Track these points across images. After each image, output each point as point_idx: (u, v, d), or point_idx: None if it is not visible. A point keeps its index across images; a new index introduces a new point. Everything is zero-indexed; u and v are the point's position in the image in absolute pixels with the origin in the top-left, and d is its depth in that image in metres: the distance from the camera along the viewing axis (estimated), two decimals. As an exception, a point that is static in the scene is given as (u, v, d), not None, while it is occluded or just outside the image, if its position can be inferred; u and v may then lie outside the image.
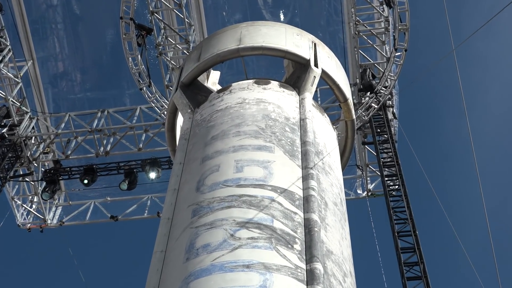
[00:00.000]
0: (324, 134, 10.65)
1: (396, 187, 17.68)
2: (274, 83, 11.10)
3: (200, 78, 12.04)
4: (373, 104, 19.18)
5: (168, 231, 8.65)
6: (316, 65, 11.24)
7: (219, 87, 12.36)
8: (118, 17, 18.68)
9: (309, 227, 8.11)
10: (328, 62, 11.73)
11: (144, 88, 19.52)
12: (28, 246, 31.69)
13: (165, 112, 14.81)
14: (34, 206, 22.14)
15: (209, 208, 8.37)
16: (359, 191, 21.66)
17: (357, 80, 19.82)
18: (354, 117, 12.11)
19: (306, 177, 8.89)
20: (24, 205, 21.95)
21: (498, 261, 12.98)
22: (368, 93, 19.29)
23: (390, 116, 19.93)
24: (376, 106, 19.22)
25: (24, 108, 21.54)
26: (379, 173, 18.79)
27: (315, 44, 11.78)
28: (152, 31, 19.14)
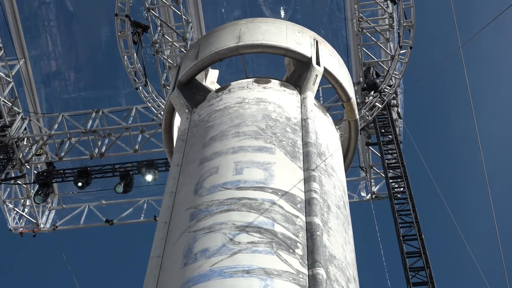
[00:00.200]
0: (327, 135, 10.67)
1: (401, 190, 17.69)
2: (275, 82, 11.12)
3: (198, 77, 12.06)
4: (377, 104, 19.20)
5: (165, 236, 8.66)
6: (318, 63, 11.26)
7: (218, 86, 12.37)
8: (113, 14, 18.70)
9: (311, 231, 8.12)
10: (331, 60, 11.75)
11: (140, 88, 19.54)
12: (20, 251, 31.70)
13: (162, 112, 14.81)
14: (27, 210, 22.14)
15: (208, 212, 8.38)
16: (363, 194, 21.66)
17: (361, 79, 19.83)
18: (358, 117, 12.14)
19: (308, 179, 8.90)
20: (16, 209, 21.96)
21: (507, 266, 12.99)
22: (372, 92, 19.30)
23: (395, 116, 19.94)
24: (380, 106, 19.23)
25: (16, 109, 21.55)
26: (384, 175, 18.78)
27: (317, 42, 11.80)
28: (148, 29, 19.15)
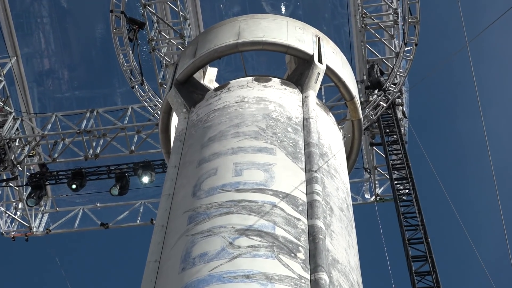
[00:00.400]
0: (329, 135, 10.66)
1: (407, 191, 17.69)
2: (275, 81, 11.11)
3: (196, 75, 12.06)
4: (382, 103, 19.19)
5: (163, 239, 8.66)
6: (320, 61, 11.25)
7: (217, 85, 12.37)
8: (108, 11, 18.69)
9: (314, 235, 8.11)
10: (333, 58, 11.74)
11: (136, 86, 19.53)
12: (13, 256, 31.71)
13: (159, 112, 14.81)
14: (19, 213, 22.13)
15: (206, 215, 8.37)
16: (367, 196, 21.66)
17: (364, 77, 19.83)
18: (361, 117, 12.13)
19: (310, 181, 8.90)
20: (8, 212, 21.94)
21: (516, 270, 12.97)
22: (376, 91, 19.30)
23: (400, 115, 19.94)
24: (385, 105, 19.23)
25: (8, 108, 21.54)
26: (388, 176, 18.78)
27: (319, 39, 11.80)
28: (145, 25, 19.15)
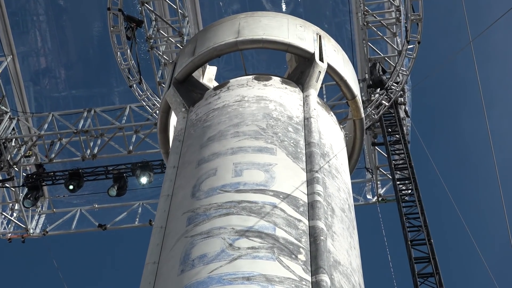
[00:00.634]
0: (331, 135, 10.67)
1: (409, 192, 17.70)
2: (276, 79, 11.12)
3: (195, 74, 12.07)
4: (384, 102, 19.20)
5: (161, 241, 8.66)
6: (321, 59, 11.26)
7: (216, 84, 12.38)
8: (106, 8, 18.68)
9: (315, 236, 8.12)
10: (335, 56, 11.75)
11: (134, 85, 19.53)
12: (9, 258, 31.71)
13: (157, 111, 14.81)
14: (15, 214, 22.14)
15: (206, 216, 8.38)
16: (369, 196, 21.66)
17: (366, 76, 19.83)
18: (363, 116, 12.14)
19: (311, 181, 8.91)
20: (4, 213, 21.95)
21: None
22: (378, 90, 19.30)
23: (402, 115, 19.94)
24: (387, 104, 19.23)
25: (4, 108, 21.55)
26: (391, 177, 18.78)
27: (320, 37, 11.81)
28: (143, 23, 19.13)
